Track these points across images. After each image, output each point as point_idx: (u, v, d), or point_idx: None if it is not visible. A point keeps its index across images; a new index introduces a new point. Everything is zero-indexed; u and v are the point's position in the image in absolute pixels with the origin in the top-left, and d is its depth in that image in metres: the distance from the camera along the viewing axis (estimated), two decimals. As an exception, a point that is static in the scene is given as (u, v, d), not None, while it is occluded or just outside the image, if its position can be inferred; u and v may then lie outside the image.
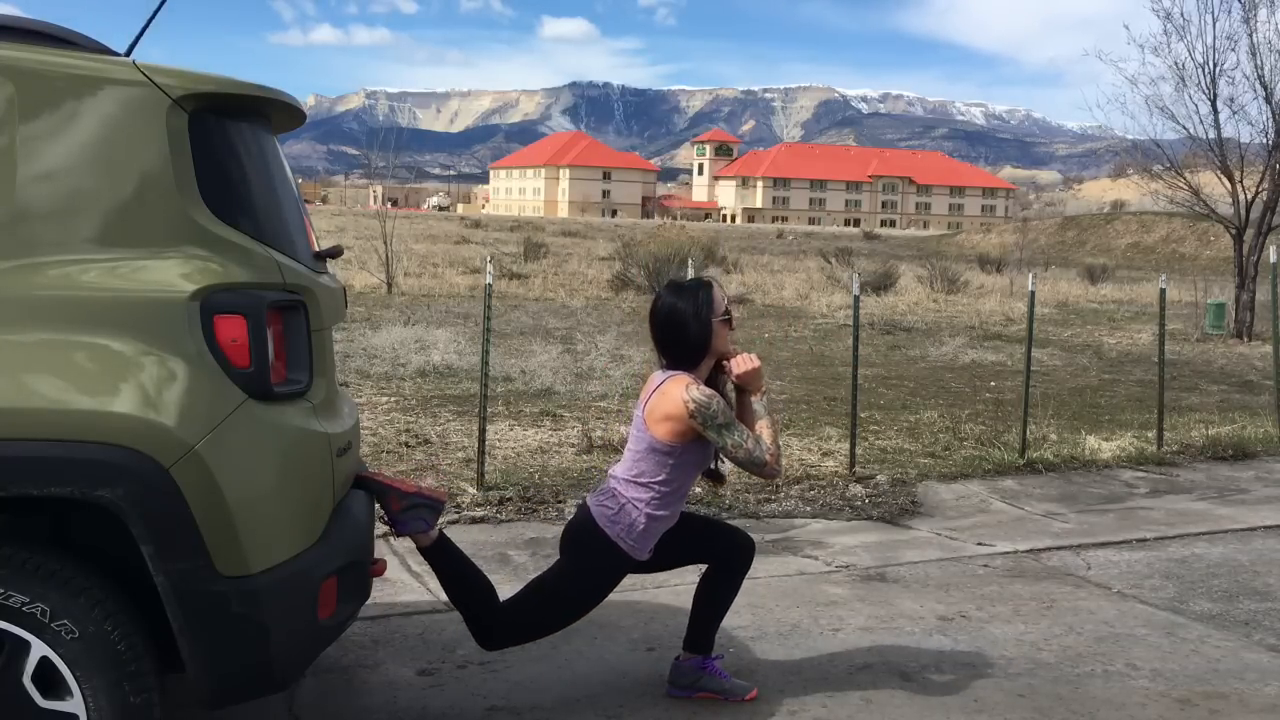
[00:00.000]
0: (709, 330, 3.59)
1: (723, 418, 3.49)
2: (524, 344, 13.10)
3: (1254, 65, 17.26)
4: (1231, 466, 7.99)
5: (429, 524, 3.49)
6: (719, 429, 3.49)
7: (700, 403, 3.47)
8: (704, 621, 3.78)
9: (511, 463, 7.06)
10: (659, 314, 3.64)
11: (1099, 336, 17.40)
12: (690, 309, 3.58)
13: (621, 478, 3.59)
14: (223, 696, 2.67)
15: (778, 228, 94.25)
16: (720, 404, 3.51)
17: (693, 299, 3.60)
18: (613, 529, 3.54)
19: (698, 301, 3.59)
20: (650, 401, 3.58)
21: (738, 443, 3.50)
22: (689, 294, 3.61)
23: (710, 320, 3.59)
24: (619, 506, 3.55)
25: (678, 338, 3.60)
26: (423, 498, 3.46)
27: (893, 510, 6.43)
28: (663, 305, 3.64)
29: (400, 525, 3.46)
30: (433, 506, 3.48)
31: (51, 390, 2.47)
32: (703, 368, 3.64)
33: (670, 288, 3.69)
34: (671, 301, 3.62)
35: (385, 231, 21.28)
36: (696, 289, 3.63)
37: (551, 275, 25.57)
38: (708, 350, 3.62)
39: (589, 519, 3.58)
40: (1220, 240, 34.21)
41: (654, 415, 3.54)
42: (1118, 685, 3.97)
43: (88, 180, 2.63)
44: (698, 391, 3.49)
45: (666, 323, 3.62)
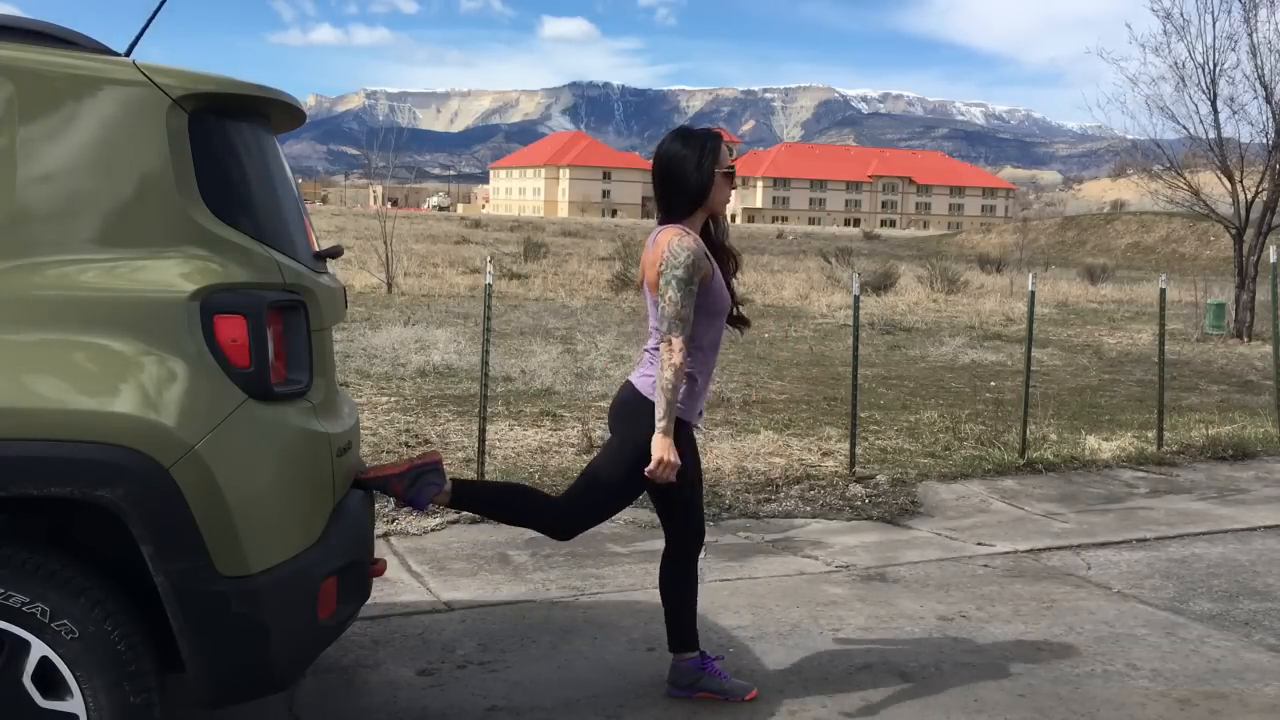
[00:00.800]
0: (709, 181, 3.52)
1: (682, 271, 3.39)
2: (524, 344, 13.10)
3: (1254, 65, 17.28)
4: (1231, 466, 7.99)
5: (439, 484, 3.47)
6: (671, 279, 3.39)
7: (672, 249, 3.41)
8: (674, 615, 3.75)
9: (511, 463, 7.06)
10: (662, 159, 3.57)
11: (1099, 336, 17.40)
12: (694, 157, 3.52)
13: (651, 348, 3.57)
14: (223, 696, 2.67)
15: (778, 228, 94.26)
16: (689, 258, 3.40)
17: (699, 147, 3.53)
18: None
19: (703, 150, 3.53)
20: (649, 261, 3.54)
21: (673, 299, 3.39)
22: (695, 142, 3.54)
23: (713, 171, 3.53)
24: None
25: (678, 185, 3.53)
26: (419, 467, 3.45)
27: (893, 510, 6.43)
28: (667, 150, 3.57)
29: (418, 501, 3.45)
30: (434, 468, 3.47)
31: (52, 390, 2.47)
32: (695, 219, 3.58)
33: (677, 134, 3.62)
34: (676, 147, 3.55)
35: (385, 231, 21.28)
36: (704, 138, 3.56)
37: (551, 275, 25.57)
38: (704, 201, 3.55)
39: (634, 392, 3.56)
40: (1220, 240, 34.21)
41: (652, 274, 3.50)
42: (1118, 685, 3.97)
43: (88, 180, 2.63)
44: (677, 242, 3.43)
45: (668, 168, 3.55)
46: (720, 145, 3.57)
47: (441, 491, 3.48)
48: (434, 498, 3.48)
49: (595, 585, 4.95)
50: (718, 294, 3.54)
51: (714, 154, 3.53)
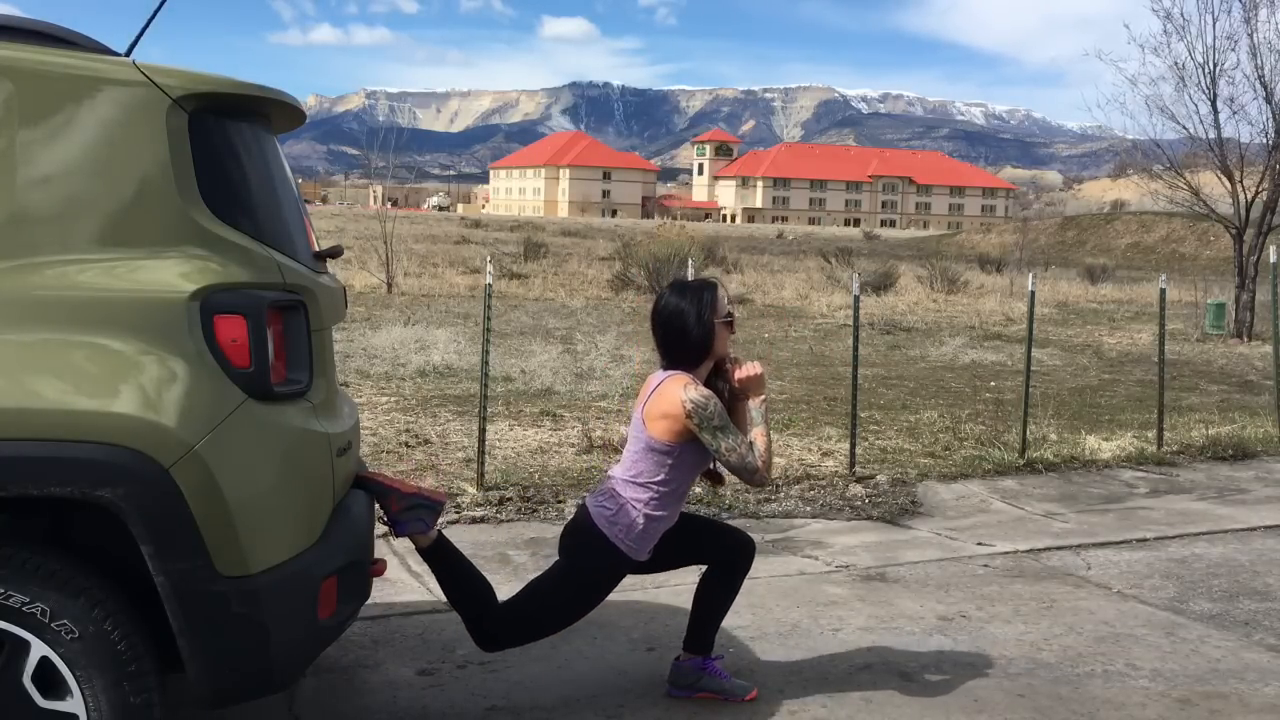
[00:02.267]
0: (711, 332, 3.59)
1: (718, 420, 3.48)
2: (524, 344, 13.10)
3: (1254, 65, 17.28)
4: (1231, 466, 7.99)
5: (428, 525, 3.49)
6: (714, 431, 3.48)
7: (698, 403, 3.47)
8: (703, 622, 3.78)
9: (511, 463, 7.06)
10: (661, 313, 3.64)
11: (1099, 336, 17.40)
12: (693, 310, 3.58)
13: (620, 478, 3.59)
14: (223, 696, 2.67)
15: (777, 228, 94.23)
16: (717, 406, 3.50)
17: (696, 300, 3.59)
18: (611, 530, 3.54)
19: (701, 303, 3.59)
20: (649, 401, 3.58)
21: (731, 446, 3.49)
22: (693, 294, 3.61)
23: (713, 322, 3.59)
24: (618, 507, 3.55)
25: (679, 338, 3.60)
26: (422, 498, 3.45)
27: (893, 510, 6.43)
28: (666, 305, 3.63)
29: (399, 526, 3.46)
30: (432, 507, 3.48)
31: (52, 390, 2.47)
32: (702, 369, 3.64)
33: (674, 287, 3.68)
34: (675, 301, 3.61)
35: (385, 231, 21.29)
36: (700, 290, 3.62)
37: (551, 275, 25.57)
38: (709, 352, 3.62)
39: (588, 520, 3.58)
40: (1220, 240, 34.21)
41: (652, 415, 3.54)
42: (1118, 685, 3.97)
43: (87, 181, 2.63)
44: (695, 392, 3.49)
45: (669, 323, 3.61)
46: (717, 294, 3.63)
47: (424, 533, 3.51)
48: (415, 533, 3.50)
49: (595, 585, 4.95)
50: (705, 449, 3.57)
51: (711, 305, 3.60)
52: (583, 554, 3.59)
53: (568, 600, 3.61)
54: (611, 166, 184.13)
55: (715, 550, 3.77)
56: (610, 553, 3.55)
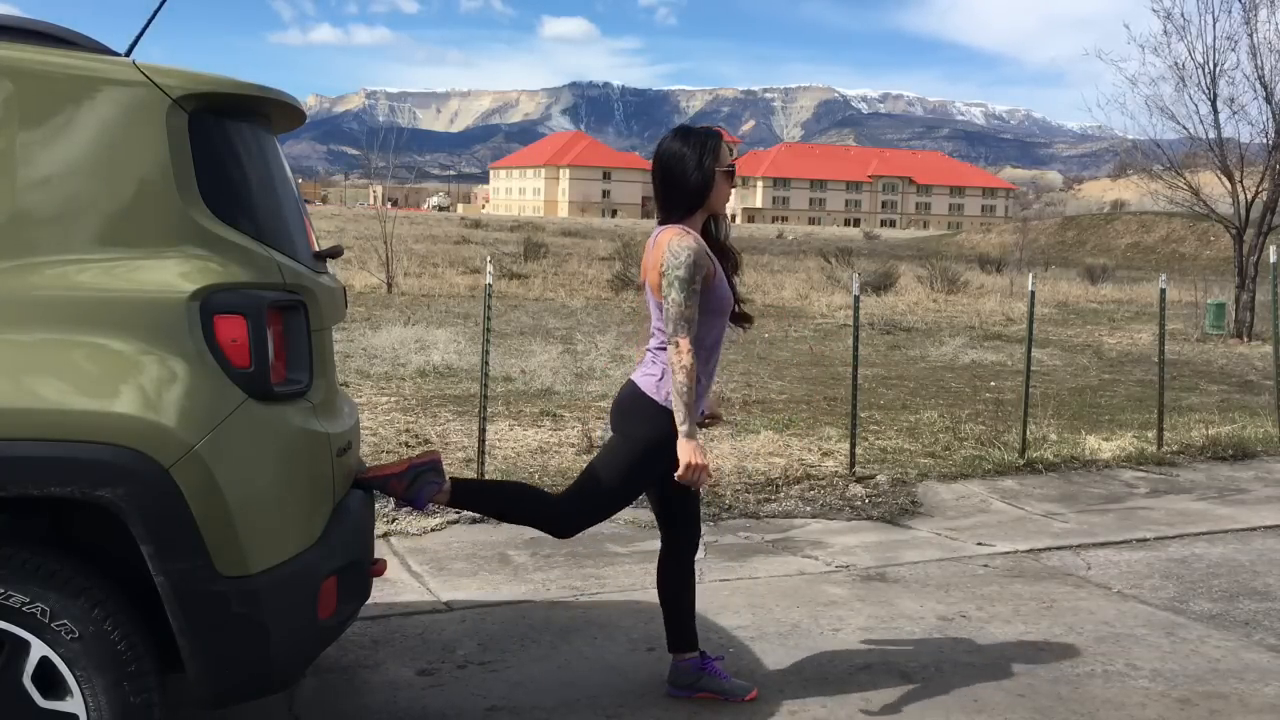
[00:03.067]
0: (710, 180, 3.52)
1: (684, 271, 3.38)
2: (524, 344, 13.10)
3: (1254, 65, 17.27)
4: (1231, 466, 7.99)
5: (439, 483, 3.46)
6: (674, 280, 3.39)
7: (673, 250, 3.41)
8: (675, 615, 3.76)
9: (511, 463, 7.06)
10: (662, 157, 3.56)
11: (1099, 336, 17.40)
12: (694, 156, 3.51)
13: (653, 348, 3.57)
14: (223, 696, 2.67)
15: (777, 228, 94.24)
16: (690, 257, 3.40)
17: (699, 146, 3.52)
18: (659, 393, 3.49)
19: (703, 149, 3.52)
20: (650, 261, 3.54)
21: (676, 301, 3.39)
22: (696, 140, 3.53)
23: (713, 169, 3.52)
24: (660, 372, 3.51)
25: (677, 183, 3.52)
26: (417, 466, 3.44)
27: (893, 510, 6.43)
28: (667, 149, 3.56)
29: (417, 501, 3.43)
30: (432, 467, 3.46)
31: (52, 390, 2.47)
32: (696, 218, 3.57)
33: (677, 132, 3.60)
34: (676, 146, 3.54)
35: (385, 231, 21.29)
36: (704, 137, 3.55)
37: (551, 275, 25.57)
38: (705, 201, 3.55)
39: (636, 389, 3.55)
40: (1220, 240, 34.21)
41: (654, 275, 3.50)
42: (1118, 685, 3.97)
43: (87, 181, 2.63)
44: (678, 242, 3.43)
45: (668, 167, 3.54)
46: (720, 143, 3.56)
47: (441, 490, 3.47)
48: (433, 497, 3.46)
49: (595, 585, 4.95)
50: (720, 293, 3.53)
51: (714, 152, 3.52)
52: (638, 422, 3.53)
53: (630, 472, 3.54)
54: (611, 166, 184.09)
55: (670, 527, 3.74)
56: (663, 416, 3.48)
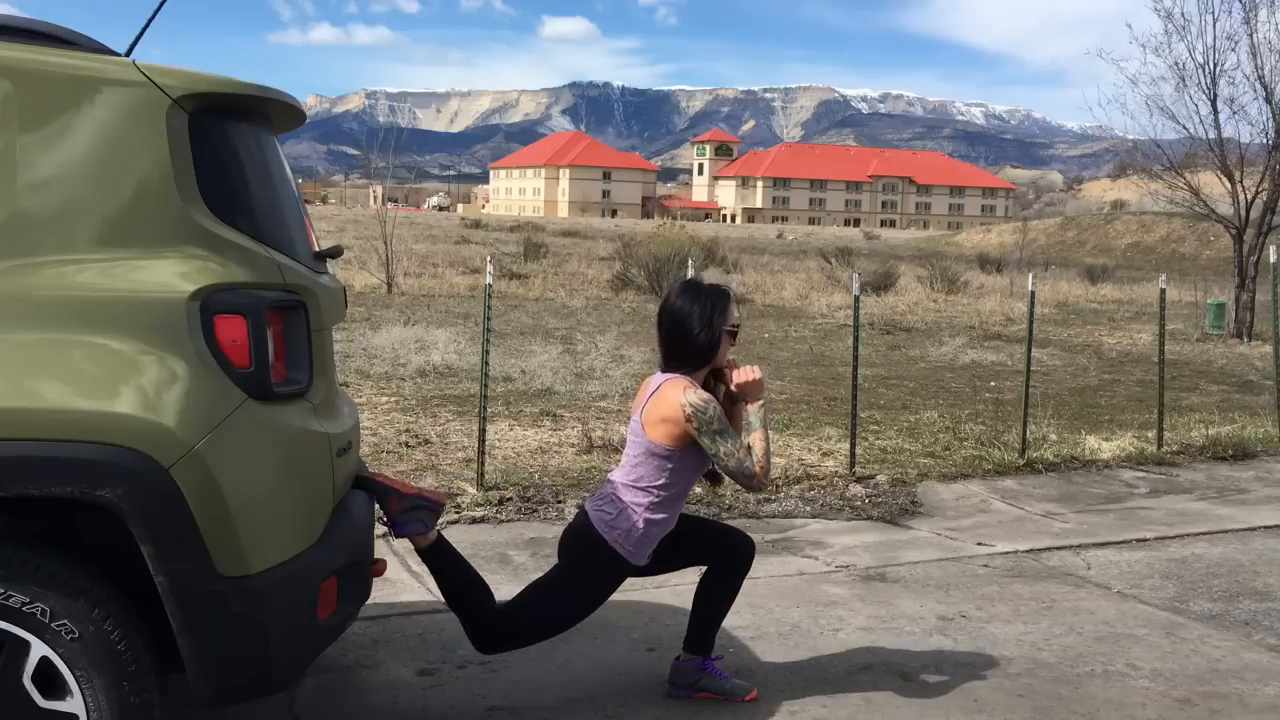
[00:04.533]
0: (717, 339, 3.57)
1: (718, 424, 3.47)
2: (524, 344, 13.10)
3: (1254, 65, 17.29)
4: (1231, 466, 7.99)
5: (427, 526, 3.48)
6: (713, 435, 3.46)
7: (697, 407, 3.46)
8: (704, 622, 3.78)
9: (511, 463, 7.06)
10: (670, 313, 3.61)
11: (1099, 336, 17.40)
12: (704, 315, 3.56)
13: (620, 482, 3.58)
14: (223, 696, 2.67)
15: (778, 228, 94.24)
16: (716, 410, 3.48)
17: (708, 305, 3.57)
18: (611, 534, 3.53)
19: (712, 308, 3.57)
20: (648, 405, 3.57)
21: (729, 451, 3.47)
22: (705, 299, 3.58)
23: (721, 329, 3.57)
24: (618, 511, 3.54)
25: (684, 341, 3.58)
26: (422, 500, 3.45)
27: (893, 510, 6.43)
28: (676, 306, 3.61)
29: (399, 527, 3.45)
30: (432, 509, 3.47)
31: (52, 390, 2.47)
32: (700, 373, 3.63)
33: (687, 289, 3.65)
34: (686, 304, 3.59)
35: (385, 232, 21.28)
36: (713, 296, 3.60)
37: (551, 275, 25.56)
38: (710, 359, 3.61)
39: (587, 524, 3.57)
40: (1220, 240, 34.20)
41: (651, 419, 3.54)
42: (1118, 685, 3.97)
43: (87, 181, 2.62)
44: (694, 395, 3.48)
45: (676, 324, 3.59)
46: (729, 303, 3.61)
47: (423, 534, 3.51)
48: (414, 534, 3.49)
49: (595, 585, 4.94)
50: (702, 454, 3.56)
51: (723, 312, 3.58)
52: (582, 558, 3.59)
53: (566, 604, 3.61)
54: (611, 166, 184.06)
55: (716, 551, 3.77)
56: (610, 557, 3.54)
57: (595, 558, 3.56)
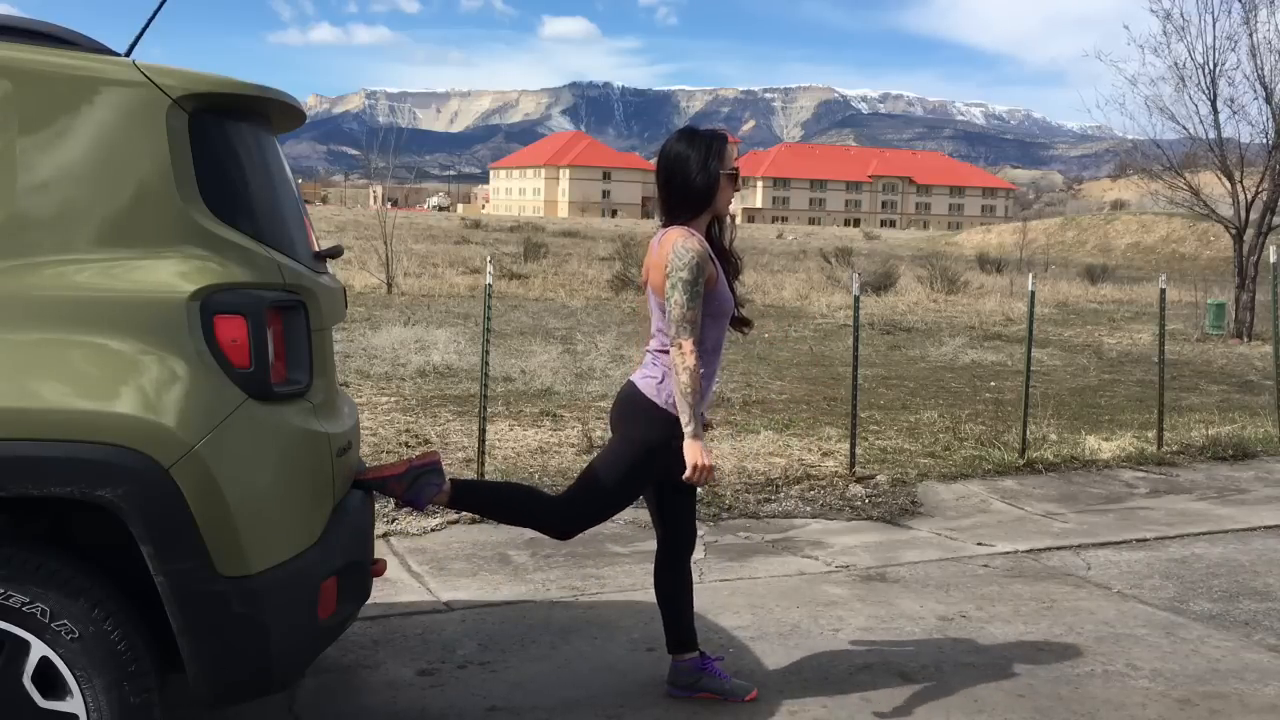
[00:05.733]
0: (715, 182, 3.51)
1: (687, 273, 3.38)
2: (524, 344, 13.10)
3: (1254, 65, 17.28)
4: (1231, 466, 7.99)
5: (439, 484, 3.46)
6: (677, 281, 3.39)
7: (677, 251, 3.40)
8: (671, 618, 3.76)
9: (511, 463, 7.06)
10: (666, 158, 3.55)
11: (1099, 336, 17.40)
12: (699, 158, 3.51)
13: (655, 350, 3.57)
14: (223, 696, 2.67)
15: (778, 228, 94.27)
16: (694, 259, 3.39)
17: (704, 148, 3.52)
18: (660, 396, 3.50)
19: (709, 151, 3.52)
20: (653, 265, 3.54)
21: (679, 301, 3.38)
22: (701, 142, 3.53)
23: (718, 172, 3.52)
24: (661, 375, 3.51)
25: (681, 185, 3.52)
26: (417, 467, 3.44)
27: (893, 510, 6.43)
28: (671, 151, 3.55)
29: (417, 501, 3.43)
30: (432, 468, 3.46)
31: (52, 390, 2.47)
32: (700, 221, 3.57)
33: (683, 134, 3.60)
34: (681, 148, 3.54)
35: (385, 231, 21.28)
36: (710, 139, 3.55)
37: (551, 275, 25.56)
38: (709, 203, 3.55)
39: (635, 391, 3.55)
40: (1220, 240, 34.19)
41: (655, 274, 3.50)
42: (1118, 685, 3.97)
43: (87, 181, 2.62)
44: (682, 244, 3.42)
45: (673, 168, 3.53)
46: (726, 146, 3.56)
47: (441, 491, 3.47)
48: (433, 498, 3.47)
49: (595, 585, 4.95)
50: (721, 296, 3.54)
51: (719, 154, 3.52)
52: (638, 425, 3.53)
53: (629, 473, 3.54)
54: (611, 167, 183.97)
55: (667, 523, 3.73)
56: (662, 418, 3.49)
57: (650, 422, 3.50)
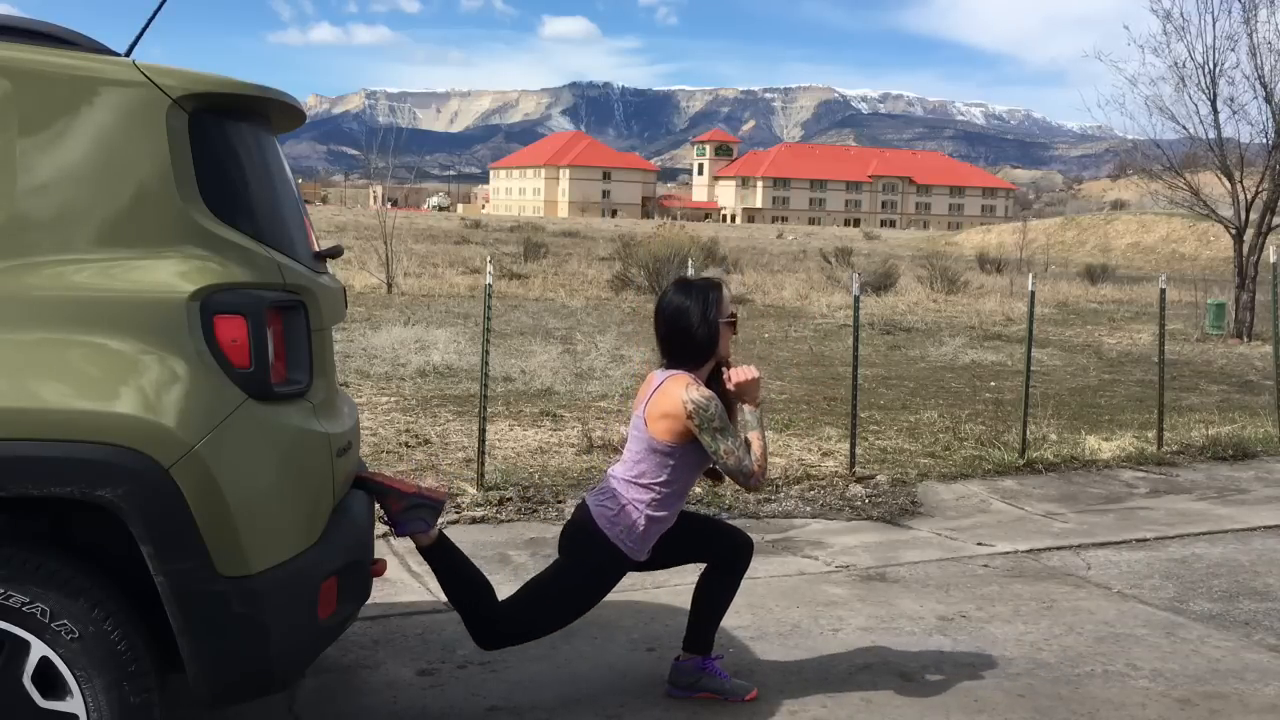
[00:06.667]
0: (715, 332, 3.58)
1: (719, 422, 3.48)
2: (524, 344, 13.10)
3: (1254, 65, 17.29)
4: (1231, 466, 7.99)
5: (429, 524, 3.49)
6: (714, 433, 3.47)
7: (699, 404, 3.46)
8: (703, 621, 3.78)
9: (511, 463, 7.06)
10: (665, 312, 3.62)
11: (1099, 336, 17.40)
12: (698, 310, 3.57)
13: (621, 478, 3.59)
14: (223, 696, 2.67)
15: (778, 228, 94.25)
16: (718, 408, 3.49)
17: (701, 299, 3.58)
18: (612, 530, 3.54)
19: (706, 302, 3.58)
20: (650, 401, 3.57)
21: (729, 449, 3.48)
22: (698, 294, 3.59)
23: (717, 323, 3.58)
24: (619, 507, 3.55)
25: (683, 338, 3.59)
26: (423, 498, 3.45)
27: (893, 510, 6.43)
28: (670, 303, 3.62)
29: (400, 526, 3.46)
30: (433, 507, 3.48)
31: (52, 390, 2.47)
32: (703, 369, 3.64)
33: (679, 286, 3.66)
34: (679, 301, 3.60)
35: (385, 231, 21.28)
36: (706, 290, 3.61)
37: (551, 275, 25.56)
38: (712, 353, 3.61)
39: (588, 519, 3.58)
40: (1220, 240, 34.19)
41: (654, 415, 3.54)
42: (1118, 685, 3.97)
43: (87, 182, 2.62)
44: (697, 392, 3.48)
45: (673, 321, 3.60)
46: (722, 295, 3.62)
47: (425, 534, 3.51)
48: (415, 533, 3.50)
49: (595, 585, 4.94)
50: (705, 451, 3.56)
51: (716, 305, 3.59)
52: (583, 553, 3.59)
53: (567, 599, 3.61)
54: (611, 167, 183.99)
55: (714, 550, 3.77)
56: (611, 552, 3.55)
57: (596, 553, 3.56)
